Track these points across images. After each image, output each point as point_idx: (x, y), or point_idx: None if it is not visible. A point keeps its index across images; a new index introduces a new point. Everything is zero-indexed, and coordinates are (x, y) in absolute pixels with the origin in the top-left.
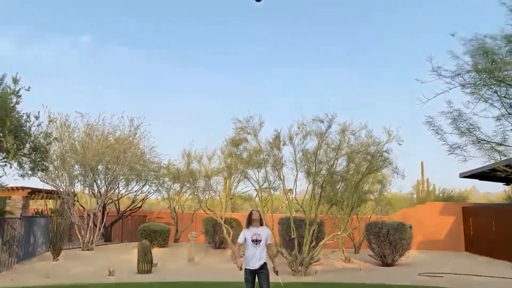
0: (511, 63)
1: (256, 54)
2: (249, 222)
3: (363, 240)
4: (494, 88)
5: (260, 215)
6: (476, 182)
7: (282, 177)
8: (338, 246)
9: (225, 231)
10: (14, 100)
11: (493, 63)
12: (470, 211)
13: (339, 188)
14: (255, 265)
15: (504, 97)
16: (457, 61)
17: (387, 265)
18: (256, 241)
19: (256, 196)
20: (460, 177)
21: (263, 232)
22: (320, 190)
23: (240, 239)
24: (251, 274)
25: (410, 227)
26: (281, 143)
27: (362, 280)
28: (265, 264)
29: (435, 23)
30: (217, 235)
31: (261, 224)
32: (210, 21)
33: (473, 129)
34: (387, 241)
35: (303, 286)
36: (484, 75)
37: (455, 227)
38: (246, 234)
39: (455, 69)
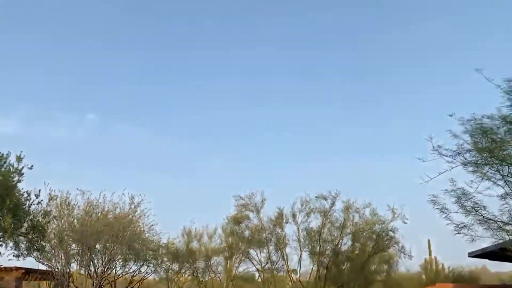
0: (510, 142)
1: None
2: None
3: None
4: (496, 167)
5: None
6: (486, 260)
7: (285, 257)
8: None
9: None
10: (16, 178)
11: (493, 143)
12: None
13: (345, 268)
14: None
15: (507, 175)
16: (457, 140)
17: None
18: None
19: (258, 277)
20: (468, 256)
21: None
22: (325, 270)
23: None
24: None
25: None
26: (284, 220)
27: None
28: None
29: (433, 104)
30: None
31: None
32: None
33: (478, 208)
34: None
35: None
36: (485, 154)
37: None
38: None
39: (455, 148)
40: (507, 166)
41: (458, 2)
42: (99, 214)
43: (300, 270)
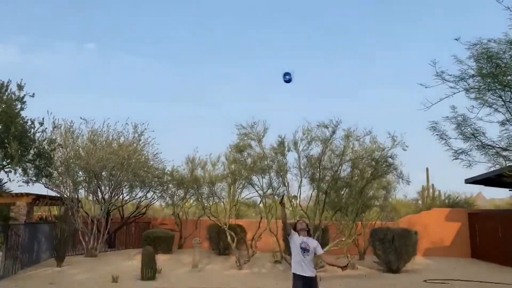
0: None
1: (263, 60)
2: (295, 229)
3: (368, 247)
4: (499, 93)
5: (307, 225)
6: (482, 188)
7: (286, 183)
8: (343, 252)
9: (229, 238)
10: (19, 106)
11: (497, 68)
12: (476, 217)
13: (343, 194)
14: (306, 272)
15: (509, 101)
16: (461, 66)
17: (393, 271)
18: (304, 250)
19: (260, 202)
20: (465, 183)
21: (312, 243)
22: (324, 196)
23: (291, 230)
24: (301, 284)
25: (416, 233)
26: (286, 149)
27: (368, 287)
28: (316, 278)
29: (439, 28)
30: (221, 242)
31: (309, 235)
32: (214, 27)
33: (478, 134)
34: (392, 248)
35: None
36: (489, 80)
37: (461, 234)
38: (295, 237)
39: (459, 74)
40: (509, 92)
41: None
42: (104, 142)
43: (300, 195)
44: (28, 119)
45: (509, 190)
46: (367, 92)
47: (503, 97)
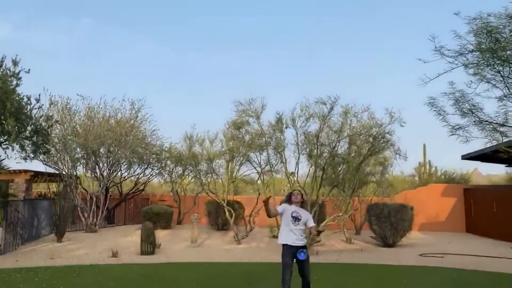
0: None
1: (260, 34)
2: (290, 202)
3: (364, 222)
4: (497, 68)
5: (302, 196)
6: (478, 164)
7: (284, 160)
8: (340, 228)
9: (227, 213)
10: (14, 82)
11: (497, 43)
12: (471, 193)
13: (340, 170)
14: (294, 242)
15: (508, 77)
16: (461, 41)
17: (388, 246)
18: (296, 218)
19: (258, 179)
20: (462, 159)
21: (304, 214)
22: (321, 172)
23: (279, 208)
24: (290, 253)
25: (412, 208)
26: (284, 125)
27: (363, 260)
28: (305, 247)
29: (438, 2)
30: (219, 217)
31: (303, 207)
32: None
33: (475, 110)
34: (388, 223)
35: None
36: (488, 55)
37: (457, 209)
38: (286, 207)
39: (458, 49)
40: (508, 67)
41: None
42: (101, 119)
43: (298, 172)
44: (24, 96)
45: (505, 166)
46: (365, 67)
47: (501, 72)
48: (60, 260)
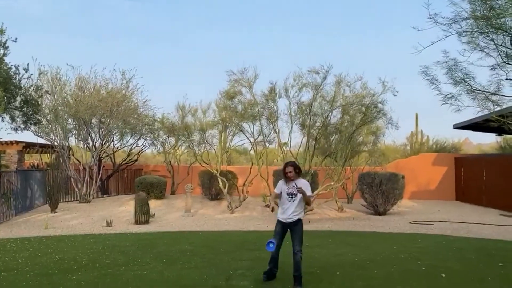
0: (509, 9)
1: (252, 6)
2: (285, 175)
3: (356, 191)
4: (491, 36)
5: (295, 169)
6: (469, 133)
7: (277, 130)
8: (332, 196)
9: (220, 183)
10: (1, 51)
11: (491, 10)
12: (462, 161)
13: (333, 140)
14: (287, 219)
15: (501, 45)
16: (455, 8)
17: (380, 214)
18: (291, 195)
19: (251, 149)
20: (453, 128)
21: (300, 184)
22: (314, 142)
23: (276, 189)
24: (282, 227)
25: (403, 177)
26: (277, 95)
27: (354, 228)
28: (299, 220)
29: None
30: (213, 187)
31: (299, 175)
32: None
33: (468, 79)
34: (380, 191)
35: None
36: (482, 22)
37: (447, 177)
38: (282, 187)
39: (452, 16)
40: (502, 35)
41: None
42: (92, 89)
43: (290, 142)
44: (12, 65)
45: (496, 135)
46: (359, 37)
47: (495, 41)
48: (54, 230)
